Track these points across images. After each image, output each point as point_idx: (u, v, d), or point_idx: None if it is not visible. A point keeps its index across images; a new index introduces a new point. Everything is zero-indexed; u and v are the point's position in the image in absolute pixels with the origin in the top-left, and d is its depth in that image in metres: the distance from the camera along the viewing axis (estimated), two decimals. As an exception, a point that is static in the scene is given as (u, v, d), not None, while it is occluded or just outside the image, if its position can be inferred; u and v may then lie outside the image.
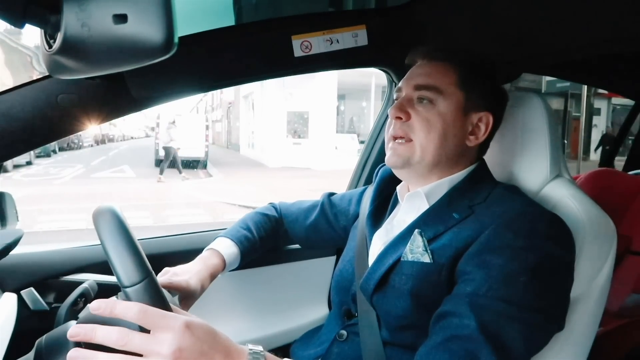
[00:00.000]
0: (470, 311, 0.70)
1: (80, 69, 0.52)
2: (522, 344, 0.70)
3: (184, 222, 6.78)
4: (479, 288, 0.73)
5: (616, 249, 0.90)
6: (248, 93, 17.73)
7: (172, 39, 0.46)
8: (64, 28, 0.47)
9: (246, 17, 4.55)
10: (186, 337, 0.56)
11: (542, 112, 0.96)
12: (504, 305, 0.71)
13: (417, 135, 0.89)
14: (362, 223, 1.07)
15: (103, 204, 0.67)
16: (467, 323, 0.70)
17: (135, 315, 0.56)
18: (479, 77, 0.92)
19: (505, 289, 0.72)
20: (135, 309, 0.56)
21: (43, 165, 13.06)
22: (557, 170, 0.96)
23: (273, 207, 1.29)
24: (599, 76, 1.94)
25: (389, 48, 1.25)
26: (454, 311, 0.73)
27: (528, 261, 0.74)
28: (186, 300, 0.97)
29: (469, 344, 0.68)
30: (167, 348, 0.55)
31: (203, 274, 1.01)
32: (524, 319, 0.71)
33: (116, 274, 0.61)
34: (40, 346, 0.69)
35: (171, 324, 0.57)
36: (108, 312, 0.57)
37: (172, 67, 0.98)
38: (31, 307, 1.08)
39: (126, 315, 0.56)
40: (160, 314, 0.57)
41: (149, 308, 0.57)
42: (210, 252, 1.08)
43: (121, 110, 1.00)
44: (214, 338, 0.59)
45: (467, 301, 0.72)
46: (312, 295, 1.46)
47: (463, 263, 0.79)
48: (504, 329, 0.69)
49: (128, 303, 0.57)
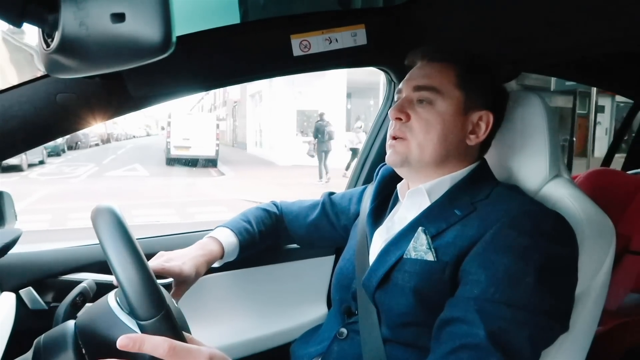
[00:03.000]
0: (479, 319, 0.70)
1: (78, 68, 0.52)
2: (529, 347, 0.70)
3: (211, 220, 6.85)
4: (486, 291, 0.73)
5: (615, 248, 0.90)
6: (255, 92, 17.72)
7: (170, 38, 0.46)
8: (62, 27, 0.47)
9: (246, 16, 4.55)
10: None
11: (541, 111, 0.96)
12: (511, 311, 0.71)
13: (416, 135, 0.90)
14: (362, 221, 1.07)
15: (101, 205, 0.67)
16: (476, 332, 0.70)
17: (165, 352, 0.57)
18: (478, 76, 0.93)
19: (511, 292, 0.72)
20: (165, 346, 0.57)
21: (55, 164, 13.11)
22: (556, 170, 0.96)
23: (274, 205, 1.29)
24: (598, 76, 1.94)
25: (388, 48, 1.25)
26: (462, 318, 0.72)
27: (534, 261, 0.74)
28: (180, 286, 0.98)
29: (478, 354, 0.68)
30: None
31: (199, 260, 1.02)
32: (531, 322, 0.71)
33: (130, 306, 0.61)
34: (39, 345, 0.69)
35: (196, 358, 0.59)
36: (137, 348, 0.57)
37: (170, 66, 0.98)
38: (30, 306, 1.08)
39: (156, 351, 0.57)
40: (187, 349, 0.59)
41: (177, 344, 0.58)
42: (209, 239, 1.09)
43: (120, 109, 1.00)
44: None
45: (475, 308, 0.72)
46: (311, 294, 1.46)
47: (467, 262, 0.79)
48: (513, 336, 0.70)
49: (157, 339, 0.58)
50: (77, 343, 0.68)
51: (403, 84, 0.96)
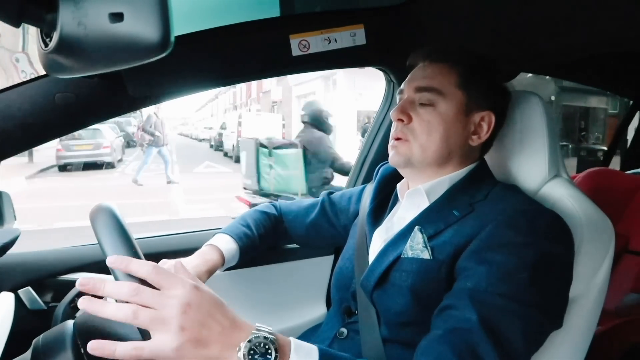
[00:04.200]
0: (471, 305, 0.71)
1: (77, 67, 0.52)
2: (521, 339, 0.70)
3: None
4: (479, 283, 0.74)
5: (614, 247, 0.90)
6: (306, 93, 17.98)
7: (169, 38, 0.46)
8: (60, 27, 0.47)
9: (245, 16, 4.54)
10: (196, 295, 0.59)
11: (540, 111, 0.96)
12: (504, 301, 0.71)
13: (418, 137, 0.90)
14: (362, 221, 1.07)
15: (100, 204, 0.67)
16: (468, 317, 0.70)
17: (147, 274, 0.58)
18: (480, 77, 0.92)
19: (505, 285, 0.73)
20: (148, 267, 0.58)
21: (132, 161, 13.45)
22: (555, 170, 0.96)
23: (273, 206, 1.29)
24: (598, 76, 1.94)
25: (387, 48, 1.25)
26: (455, 305, 0.73)
27: (528, 258, 0.74)
28: None
29: (470, 337, 0.69)
30: (177, 301, 0.57)
31: (200, 269, 1.01)
32: (523, 315, 0.71)
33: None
34: (38, 345, 0.69)
35: (181, 283, 0.59)
36: (124, 267, 0.58)
37: (169, 66, 0.98)
38: (28, 306, 1.07)
39: (139, 272, 0.57)
40: (172, 274, 0.59)
41: (162, 268, 0.58)
42: (209, 248, 1.08)
43: (118, 108, 1.00)
44: (221, 305, 0.61)
45: (467, 295, 0.73)
46: (310, 294, 1.46)
47: (463, 260, 0.79)
48: (504, 324, 0.70)
49: (141, 262, 0.59)
50: (76, 343, 0.68)
51: (405, 85, 0.96)
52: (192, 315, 0.57)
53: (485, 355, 0.68)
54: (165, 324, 0.56)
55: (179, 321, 0.56)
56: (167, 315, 0.56)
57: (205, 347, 0.57)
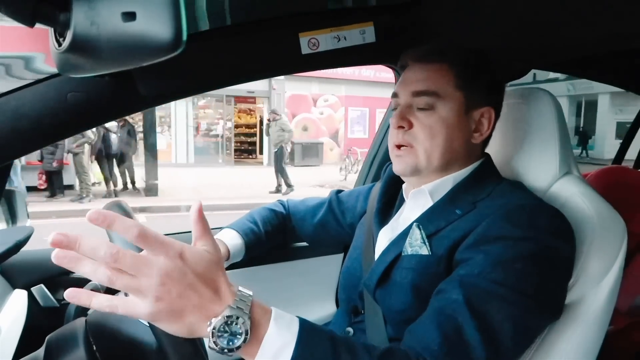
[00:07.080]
0: (459, 287, 0.71)
1: (89, 66, 0.52)
2: (510, 325, 0.70)
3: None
4: (472, 270, 0.74)
5: (627, 247, 0.89)
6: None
7: (181, 37, 0.47)
8: (74, 26, 0.47)
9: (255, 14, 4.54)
10: (178, 265, 0.55)
11: (551, 108, 0.95)
12: (495, 286, 0.71)
13: (421, 143, 0.89)
14: (369, 220, 1.07)
15: (111, 201, 0.67)
16: (455, 298, 0.71)
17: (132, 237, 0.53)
18: (477, 74, 0.91)
19: (498, 273, 0.72)
20: (134, 230, 0.53)
21: None
22: (566, 167, 0.95)
23: (281, 204, 1.29)
24: (610, 73, 1.92)
25: (396, 45, 1.24)
26: (445, 289, 0.74)
27: (524, 250, 0.74)
28: None
29: (456, 317, 0.69)
30: (157, 272, 0.54)
31: None
32: (513, 300, 0.71)
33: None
34: (51, 342, 0.70)
35: (165, 251, 0.55)
36: (107, 224, 0.53)
37: (180, 65, 0.98)
38: (41, 303, 1.09)
39: (125, 233, 0.53)
40: (159, 240, 0.55)
41: (149, 231, 0.54)
42: None
43: (130, 108, 1.01)
44: (209, 272, 0.58)
45: (458, 279, 0.74)
46: (319, 292, 1.46)
47: (460, 252, 0.79)
48: (491, 307, 0.70)
49: (129, 221, 0.54)
50: (88, 340, 0.69)
51: (399, 88, 0.93)
52: (170, 286, 0.54)
53: (469, 336, 0.67)
54: (141, 292, 0.54)
55: (155, 292, 0.53)
56: (144, 284, 0.53)
57: (180, 317, 0.55)
